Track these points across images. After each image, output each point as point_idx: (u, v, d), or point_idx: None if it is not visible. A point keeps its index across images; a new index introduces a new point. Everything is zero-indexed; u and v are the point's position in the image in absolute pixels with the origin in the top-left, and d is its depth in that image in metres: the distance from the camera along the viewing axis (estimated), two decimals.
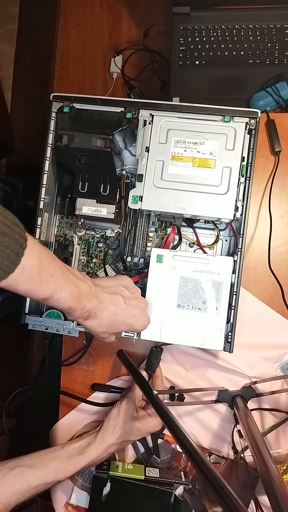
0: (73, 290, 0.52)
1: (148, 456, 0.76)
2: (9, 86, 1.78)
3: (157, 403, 0.57)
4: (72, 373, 0.81)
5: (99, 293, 0.57)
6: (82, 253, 0.78)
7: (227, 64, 0.98)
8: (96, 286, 0.57)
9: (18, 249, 0.45)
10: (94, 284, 0.57)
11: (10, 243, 0.44)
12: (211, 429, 0.76)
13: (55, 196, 0.78)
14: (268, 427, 0.75)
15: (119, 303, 0.59)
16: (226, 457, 0.75)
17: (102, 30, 1.11)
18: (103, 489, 0.68)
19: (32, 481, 0.61)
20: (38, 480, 0.61)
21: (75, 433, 0.78)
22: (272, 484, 0.51)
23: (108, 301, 0.57)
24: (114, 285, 0.60)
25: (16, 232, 0.44)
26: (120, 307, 0.59)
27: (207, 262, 0.67)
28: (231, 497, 0.41)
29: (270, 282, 0.76)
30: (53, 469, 0.63)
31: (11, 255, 0.44)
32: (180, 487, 0.70)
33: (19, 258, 0.45)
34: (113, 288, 0.60)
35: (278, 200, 0.80)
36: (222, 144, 0.67)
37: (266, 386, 0.74)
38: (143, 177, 0.68)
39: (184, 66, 0.98)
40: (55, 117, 0.70)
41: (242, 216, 0.67)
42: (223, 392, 0.74)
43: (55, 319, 0.70)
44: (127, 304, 0.59)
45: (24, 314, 0.70)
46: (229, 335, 0.67)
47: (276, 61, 0.96)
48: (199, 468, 0.46)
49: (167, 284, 0.68)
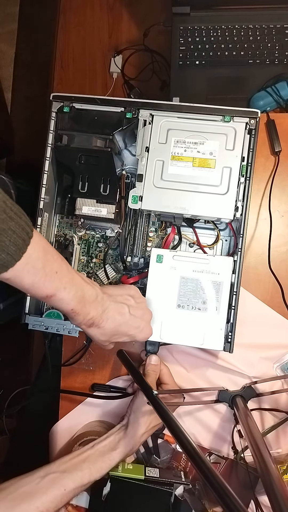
0: (77, 292, 0.52)
1: (148, 456, 0.76)
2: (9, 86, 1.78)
3: (157, 403, 0.57)
4: (72, 373, 0.81)
5: (105, 301, 0.56)
6: (82, 253, 0.78)
7: (227, 64, 0.97)
8: (104, 293, 0.57)
9: (25, 237, 0.45)
10: (102, 292, 0.56)
11: (17, 229, 0.44)
12: (211, 429, 0.76)
13: (55, 196, 0.78)
14: (268, 427, 0.75)
15: (124, 312, 0.59)
16: (226, 457, 0.75)
17: (102, 30, 1.11)
18: (103, 489, 0.68)
19: (68, 485, 0.59)
20: (73, 484, 0.60)
21: (75, 433, 0.78)
22: (272, 484, 0.51)
23: (113, 310, 0.57)
24: (121, 294, 0.60)
25: (23, 220, 0.45)
26: (124, 317, 0.59)
27: (207, 262, 0.67)
28: (231, 497, 0.41)
29: (270, 282, 0.76)
30: (87, 469, 0.62)
31: (18, 241, 0.44)
32: (180, 487, 0.70)
33: (25, 245, 0.45)
34: (120, 297, 0.60)
35: (278, 200, 0.80)
36: (222, 144, 0.67)
37: (266, 386, 0.74)
38: (143, 177, 0.68)
39: (184, 66, 0.98)
40: (55, 117, 0.70)
41: (242, 216, 0.67)
42: (223, 392, 0.74)
43: (55, 319, 0.70)
44: (132, 315, 0.59)
45: (24, 314, 0.70)
46: (229, 335, 0.67)
47: (276, 61, 0.96)
48: (199, 468, 0.46)
49: (167, 284, 0.68)
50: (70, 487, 0.59)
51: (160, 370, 0.72)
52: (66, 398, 0.80)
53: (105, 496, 0.69)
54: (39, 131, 0.71)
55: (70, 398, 0.80)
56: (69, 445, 0.78)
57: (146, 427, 0.66)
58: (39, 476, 0.59)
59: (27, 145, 1.70)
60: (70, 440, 0.79)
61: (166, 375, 0.72)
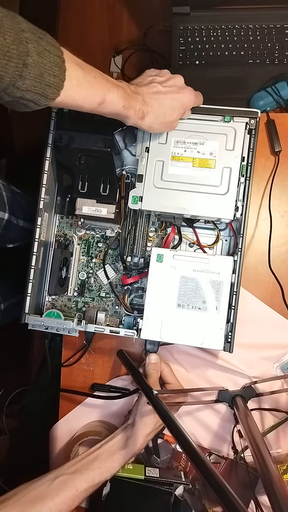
0: (118, 90, 0.53)
1: (148, 456, 0.76)
2: None
3: (157, 403, 0.57)
4: (72, 373, 0.81)
5: (137, 89, 0.57)
6: (82, 253, 0.78)
7: (227, 64, 0.97)
8: (131, 84, 0.58)
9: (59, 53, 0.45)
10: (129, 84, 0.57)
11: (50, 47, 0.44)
12: (211, 429, 0.76)
13: (55, 196, 0.78)
14: (268, 427, 0.75)
15: (158, 90, 0.59)
16: (226, 457, 0.75)
17: (102, 30, 1.11)
18: (103, 489, 0.68)
19: (79, 486, 0.60)
20: (85, 484, 0.60)
21: (75, 433, 0.78)
22: (272, 484, 0.51)
23: (149, 94, 0.58)
24: (144, 77, 0.61)
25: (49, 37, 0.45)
26: (161, 92, 0.59)
27: (207, 262, 0.67)
28: (231, 497, 0.41)
29: (270, 282, 0.76)
30: (97, 469, 0.62)
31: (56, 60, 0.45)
32: (180, 487, 0.70)
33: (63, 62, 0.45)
34: (145, 80, 0.60)
35: (278, 200, 0.80)
36: (222, 144, 0.67)
37: (266, 386, 0.74)
38: (143, 177, 0.68)
39: (184, 66, 0.98)
40: (55, 117, 0.70)
41: (242, 216, 0.67)
42: (223, 392, 0.74)
43: (55, 319, 0.70)
44: (165, 87, 0.60)
45: (24, 314, 0.70)
46: (229, 335, 0.67)
47: (276, 61, 0.96)
48: (199, 468, 0.46)
49: (167, 283, 0.68)
50: (82, 488, 0.60)
51: (161, 369, 0.72)
52: (66, 398, 0.80)
53: (105, 496, 0.69)
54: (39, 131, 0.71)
55: (70, 398, 0.80)
56: (69, 445, 0.78)
57: (153, 426, 0.66)
58: (49, 479, 0.60)
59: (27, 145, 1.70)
60: (70, 440, 0.79)
61: (168, 375, 0.72)
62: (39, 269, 0.73)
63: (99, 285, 0.77)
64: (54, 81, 0.45)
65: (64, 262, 0.76)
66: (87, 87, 0.49)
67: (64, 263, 0.75)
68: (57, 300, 0.78)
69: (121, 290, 0.76)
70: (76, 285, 0.78)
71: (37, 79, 0.44)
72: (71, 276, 0.78)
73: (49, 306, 0.77)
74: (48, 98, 0.46)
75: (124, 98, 0.53)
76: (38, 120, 0.69)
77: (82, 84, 0.49)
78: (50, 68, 0.44)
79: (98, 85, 0.51)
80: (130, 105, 0.54)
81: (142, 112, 0.57)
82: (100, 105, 0.51)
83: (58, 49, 0.45)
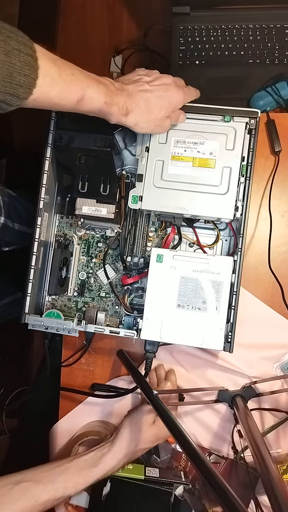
0: (99, 85, 0.52)
1: (148, 456, 0.76)
2: None
3: (157, 403, 0.57)
4: (72, 373, 0.81)
5: (123, 86, 0.56)
6: (82, 253, 0.78)
7: (227, 64, 0.97)
8: (117, 81, 0.57)
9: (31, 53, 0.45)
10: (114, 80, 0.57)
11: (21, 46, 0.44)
12: (211, 429, 0.76)
13: (55, 195, 0.78)
14: (268, 427, 0.75)
15: (145, 88, 0.58)
16: (226, 457, 0.75)
17: (102, 30, 1.11)
18: (103, 489, 0.68)
19: (40, 497, 0.57)
20: (46, 496, 0.58)
21: (75, 433, 0.78)
22: (272, 484, 0.51)
23: (134, 91, 0.57)
24: (132, 75, 0.60)
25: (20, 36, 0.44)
26: (148, 90, 0.58)
27: (207, 262, 0.67)
28: (231, 497, 0.41)
29: (270, 282, 0.76)
30: (62, 483, 0.59)
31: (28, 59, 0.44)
32: (180, 487, 0.70)
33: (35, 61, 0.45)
34: (132, 78, 0.60)
35: (278, 200, 0.80)
36: (222, 144, 0.67)
37: (266, 386, 0.74)
38: (143, 177, 0.68)
39: (184, 65, 0.98)
40: (55, 116, 0.70)
41: (242, 216, 0.67)
42: (223, 392, 0.74)
43: (55, 319, 0.70)
44: (152, 85, 0.59)
45: (24, 314, 0.70)
46: (229, 335, 0.67)
47: (276, 61, 0.96)
48: (199, 468, 0.46)
49: (167, 284, 0.68)
50: (41, 499, 0.57)
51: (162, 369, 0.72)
52: (66, 398, 0.80)
53: (105, 496, 0.69)
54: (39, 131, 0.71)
55: (70, 398, 0.80)
56: (69, 445, 0.78)
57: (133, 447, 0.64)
58: (12, 483, 0.57)
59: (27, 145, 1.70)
60: (70, 440, 0.79)
61: None
62: (39, 269, 0.73)
63: (99, 285, 0.77)
64: (25, 80, 0.44)
65: (64, 262, 0.76)
66: (62, 84, 0.48)
67: (64, 263, 0.75)
68: (57, 300, 0.78)
69: (121, 290, 0.76)
70: (76, 285, 0.78)
71: (6, 79, 0.43)
72: (71, 276, 0.78)
73: (49, 306, 0.77)
74: (20, 97, 0.45)
75: (105, 94, 0.52)
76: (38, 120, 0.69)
77: (57, 81, 0.48)
78: (20, 68, 0.43)
79: (76, 82, 0.50)
80: (113, 101, 0.53)
81: (126, 108, 0.56)
82: (79, 102, 0.51)
83: (30, 48, 0.45)
